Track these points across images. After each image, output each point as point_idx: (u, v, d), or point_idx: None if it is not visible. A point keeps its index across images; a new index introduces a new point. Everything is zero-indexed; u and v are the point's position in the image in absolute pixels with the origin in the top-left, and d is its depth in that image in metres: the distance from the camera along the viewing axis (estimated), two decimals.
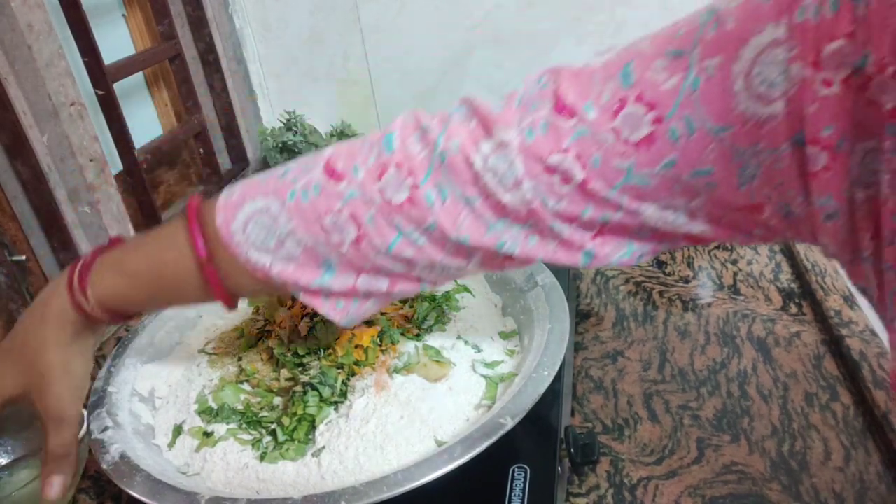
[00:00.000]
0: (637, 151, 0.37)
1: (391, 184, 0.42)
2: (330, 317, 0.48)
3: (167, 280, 0.49)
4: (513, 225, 0.42)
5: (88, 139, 0.82)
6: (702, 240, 0.42)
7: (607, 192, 0.39)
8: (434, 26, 1.13)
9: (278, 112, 1.21)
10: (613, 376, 0.70)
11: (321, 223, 0.44)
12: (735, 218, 0.39)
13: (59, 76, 0.77)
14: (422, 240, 0.43)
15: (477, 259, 0.45)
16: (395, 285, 0.47)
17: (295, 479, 0.52)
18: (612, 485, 0.57)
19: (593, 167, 0.38)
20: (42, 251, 0.85)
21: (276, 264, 0.45)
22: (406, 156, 0.42)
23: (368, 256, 0.44)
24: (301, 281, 0.46)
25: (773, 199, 0.36)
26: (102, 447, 0.54)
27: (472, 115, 0.42)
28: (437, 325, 0.65)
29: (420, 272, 0.46)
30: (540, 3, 1.09)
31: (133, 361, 0.65)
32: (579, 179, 0.38)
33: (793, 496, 0.55)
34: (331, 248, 0.44)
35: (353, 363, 0.59)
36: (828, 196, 0.33)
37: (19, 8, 0.73)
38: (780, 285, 0.83)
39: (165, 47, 1.05)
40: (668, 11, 1.06)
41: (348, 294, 0.47)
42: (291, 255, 0.45)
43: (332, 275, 0.46)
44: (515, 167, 0.39)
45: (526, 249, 0.43)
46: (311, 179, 0.44)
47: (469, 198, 0.41)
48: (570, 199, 0.40)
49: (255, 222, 0.45)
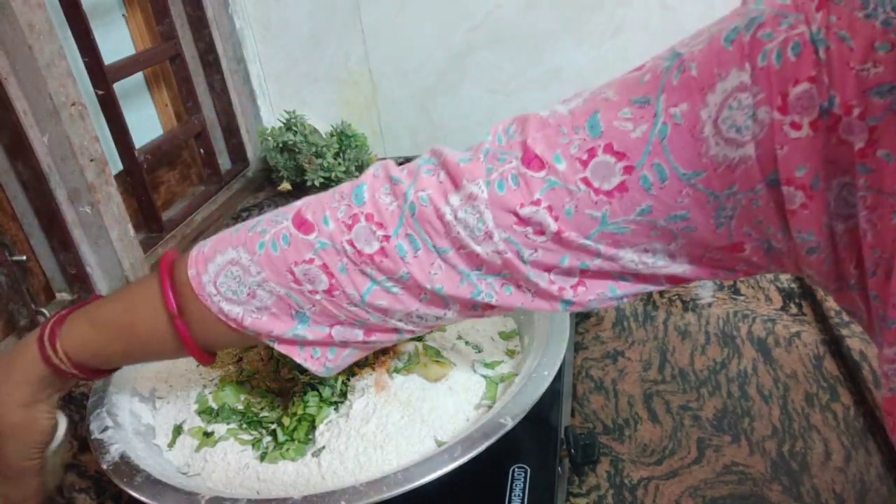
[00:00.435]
0: (610, 200, 0.37)
1: (362, 235, 0.42)
2: (307, 366, 0.48)
3: (140, 335, 0.49)
4: (487, 275, 0.42)
5: (89, 139, 0.82)
6: (684, 280, 0.41)
7: (583, 241, 0.38)
8: (434, 27, 1.13)
9: (278, 112, 1.21)
10: (614, 376, 0.70)
11: (292, 274, 0.43)
12: (716, 257, 0.39)
13: (59, 76, 0.77)
14: (396, 288, 0.43)
15: (455, 308, 0.44)
16: (370, 335, 0.46)
17: (295, 479, 0.52)
18: (613, 485, 0.57)
19: (566, 218, 0.38)
20: (42, 251, 0.84)
21: (248, 315, 0.45)
22: (376, 208, 0.42)
23: (342, 306, 0.44)
24: (275, 331, 0.46)
25: (753, 237, 0.36)
26: (102, 447, 0.54)
27: (440, 168, 0.42)
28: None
29: (397, 321, 0.45)
30: (540, 4, 1.09)
31: None
32: (553, 230, 0.38)
33: (793, 497, 0.55)
34: (303, 298, 0.44)
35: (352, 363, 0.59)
36: (808, 232, 0.33)
37: (20, 8, 0.73)
38: (780, 285, 0.83)
39: (165, 47, 1.05)
40: (668, 11, 1.06)
41: (324, 343, 0.47)
42: (263, 306, 0.45)
43: (305, 325, 0.46)
44: (485, 219, 0.39)
45: (503, 299, 0.42)
46: (280, 230, 0.44)
47: (441, 249, 0.41)
48: (545, 250, 0.39)
49: (226, 273, 0.45)
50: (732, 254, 0.38)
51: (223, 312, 0.45)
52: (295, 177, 1.17)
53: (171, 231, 1.02)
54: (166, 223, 1.03)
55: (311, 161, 1.13)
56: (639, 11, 1.07)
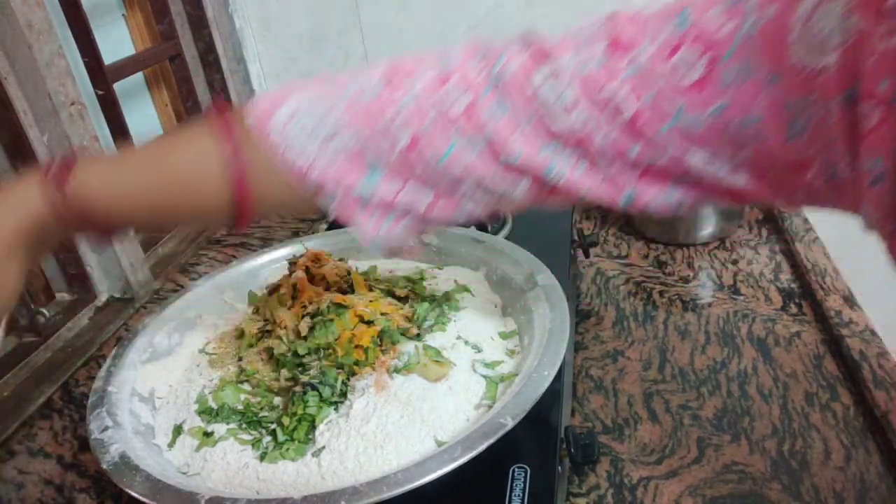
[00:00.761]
0: (688, 94, 0.37)
1: (450, 96, 0.42)
2: (361, 232, 0.46)
3: (178, 179, 0.44)
4: (564, 150, 0.42)
5: (88, 139, 0.82)
6: (743, 196, 0.41)
7: (656, 132, 0.39)
8: (434, 26, 1.13)
9: None
10: (613, 376, 0.70)
11: (374, 125, 0.43)
12: (779, 176, 0.39)
13: (59, 76, 0.77)
14: (474, 153, 0.43)
15: (524, 184, 0.44)
16: (435, 203, 0.45)
17: (295, 479, 0.52)
18: (613, 485, 0.57)
19: (645, 105, 0.39)
20: None
21: (319, 160, 0.43)
22: (465, 74, 0.43)
23: (418, 165, 0.44)
24: (344, 181, 0.44)
25: (820, 159, 0.36)
26: (102, 447, 0.53)
27: (529, 45, 0.43)
28: (437, 325, 0.65)
29: (465, 191, 0.45)
30: (540, 3, 1.09)
31: (133, 361, 0.65)
32: (630, 114, 0.39)
33: (793, 496, 0.55)
34: (380, 152, 0.43)
35: (353, 363, 0.59)
36: (877, 158, 0.32)
37: (19, 7, 0.73)
38: (780, 285, 0.83)
39: (165, 47, 1.05)
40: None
41: (387, 206, 0.45)
42: (340, 149, 0.43)
43: (378, 176, 0.44)
44: (568, 94, 0.40)
45: (573, 177, 0.42)
46: (367, 84, 0.44)
47: (524, 118, 0.42)
48: (619, 134, 0.40)
49: (304, 113, 0.43)
50: (796, 174, 0.38)
51: (290, 156, 0.43)
52: None
53: (171, 230, 1.02)
54: None
55: None
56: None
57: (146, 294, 0.91)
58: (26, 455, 0.66)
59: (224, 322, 0.73)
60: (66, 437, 0.68)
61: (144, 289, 0.91)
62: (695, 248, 0.93)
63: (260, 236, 1.05)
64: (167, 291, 0.92)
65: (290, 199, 0.46)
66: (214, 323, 0.73)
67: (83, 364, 0.78)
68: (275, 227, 1.08)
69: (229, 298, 0.75)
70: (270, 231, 1.07)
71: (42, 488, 0.62)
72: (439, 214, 0.46)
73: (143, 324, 0.69)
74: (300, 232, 1.05)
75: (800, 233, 0.91)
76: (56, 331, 0.81)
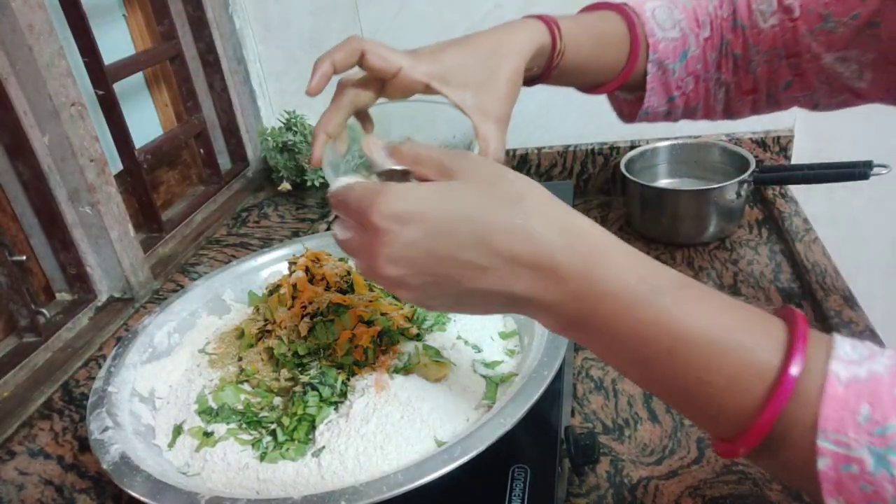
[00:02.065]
0: (836, 3, 0.59)
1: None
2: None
3: (601, 35, 0.63)
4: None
5: (89, 139, 0.82)
6: (862, 96, 0.63)
7: (806, 32, 0.61)
8: (434, 26, 1.13)
9: (278, 112, 1.21)
10: (613, 376, 0.70)
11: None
12: (893, 76, 0.58)
13: (59, 76, 0.77)
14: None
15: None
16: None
17: (295, 479, 0.52)
18: (613, 485, 0.57)
19: (806, 11, 0.61)
20: (42, 251, 0.85)
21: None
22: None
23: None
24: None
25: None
26: (102, 447, 0.54)
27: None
28: (437, 325, 0.65)
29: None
30: (540, 3, 1.09)
31: (133, 361, 0.65)
32: (795, 14, 0.61)
33: (792, 496, 0.55)
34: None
35: (353, 363, 0.59)
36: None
37: (20, 8, 0.73)
38: (780, 285, 0.83)
39: (165, 47, 1.06)
40: None
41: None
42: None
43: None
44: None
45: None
46: None
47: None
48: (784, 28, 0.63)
49: (659, 9, 0.64)
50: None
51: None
52: (295, 177, 1.17)
53: (171, 231, 1.03)
54: (166, 223, 1.03)
55: (310, 161, 1.13)
56: None
57: (146, 294, 0.91)
58: (26, 455, 0.66)
59: (224, 322, 0.73)
60: (66, 438, 0.68)
61: (144, 289, 0.91)
62: (695, 248, 0.93)
63: (260, 236, 1.05)
64: (167, 291, 0.92)
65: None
66: (214, 323, 0.73)
67: (83, 364, 0.78)
68: (275, 226, 1.08)
69: (229, 298, 0.75)
70: (270, 231, 1.07)
71: (42, 489, 0.62)
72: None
73: (143, 324, 0.69)
74: (300, 232, 1.05)
75: (800, 233, 0.91)
76: (56, 331, 0.81)
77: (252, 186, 1.22)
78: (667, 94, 0.67)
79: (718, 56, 0.68)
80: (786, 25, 0.63)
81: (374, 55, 0.52)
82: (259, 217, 1.12)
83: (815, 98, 0.66)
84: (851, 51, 0.59)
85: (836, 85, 0.64)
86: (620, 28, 0.64)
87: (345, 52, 0.52)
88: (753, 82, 0.68)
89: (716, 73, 0.69)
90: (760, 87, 0.68)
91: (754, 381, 0.32)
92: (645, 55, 0.65)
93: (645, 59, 0.65)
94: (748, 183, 0.91)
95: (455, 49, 0.56)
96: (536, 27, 0.59)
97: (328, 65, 0.52)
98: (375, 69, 0.53)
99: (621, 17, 0.64)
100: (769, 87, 0.68)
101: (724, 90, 0.70)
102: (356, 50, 0.52)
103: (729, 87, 0.69)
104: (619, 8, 0.65)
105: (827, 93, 0.65)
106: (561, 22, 0.61)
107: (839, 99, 0.65)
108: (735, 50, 0.67)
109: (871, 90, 0.62)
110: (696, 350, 0.33)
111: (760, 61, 0.66)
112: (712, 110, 0.71)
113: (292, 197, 1.18)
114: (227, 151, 1.23)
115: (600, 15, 0.65)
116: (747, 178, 0.91)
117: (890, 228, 1.23)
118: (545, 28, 0.59)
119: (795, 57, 0.64)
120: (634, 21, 0.64)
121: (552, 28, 0.60)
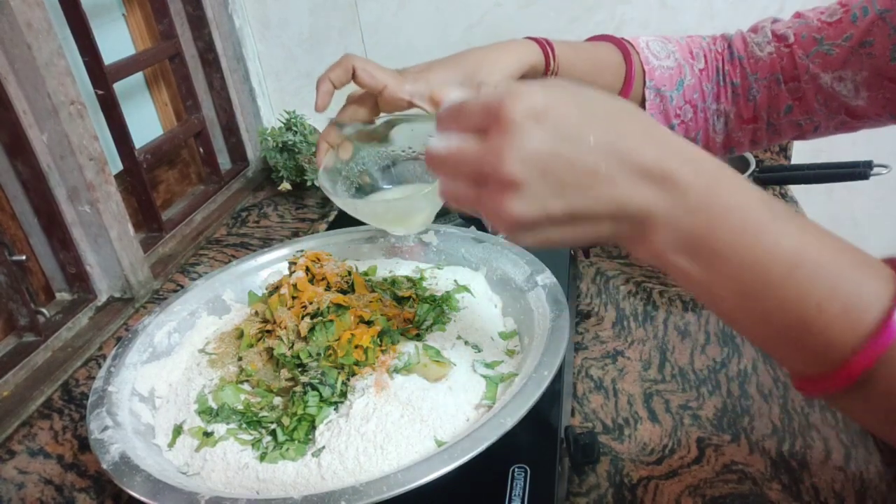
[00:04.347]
0: (828, 28, 0.63)
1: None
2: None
3: (597, 60, 0.66)
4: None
5: (88, 138, 0.82)
6: (861, 114, 0.65)
7: (803, 56, 0.64)
8: (433, 25, 1.13)
9: (278, 112, 1.21)
10: (613, 376, 0.70)
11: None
12: (887, 93, 0.61)
13: (58, 75, 0.77)
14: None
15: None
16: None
17: (295, 479, 0.52)
18: (613, 484, 0.57)
19: (801, 39, 0.65)
20: (42, 251, 0.84)
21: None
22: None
23: None
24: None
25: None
26: (102, 447, 0.53)
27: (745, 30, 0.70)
28: (437, 326, 0.65)
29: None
30: (539, 2, 1.09)
31: (133, 361, 0.65)
32: (790, 41, 0.66)
33: (793, 496, 0.55)
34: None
35: (353, 363, 0.59)
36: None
37: (18, 7, 0.73)
38: None
39: (165, 46, 1.05)
40: (668, 10, 1.06)
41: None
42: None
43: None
44: (766, 33, 0.68)
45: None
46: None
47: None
48: (784, 57, 0.66)
49: (653, 42, 0.68)
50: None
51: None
52: (295, 177, 1.17)
53: (170, 230, 1.02)
54: (166, 222, 1.03)
55: (311, 161, 1.13)
56: (638, 9, 1.07)
57: (146, 294, 0.91)
58: (26, 455, 0.66)
59: (224, 322, 0.73)
60: (66, 437, 0.68)
61: (144, 289, 0.91)
62: None
63: (260, 236, 1.05)
64: (167, 291, 0.92)
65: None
66: (214, 323, 0.73)
67: (83, 364, 0.78)
68: (275, 226, 1.08)
69: (229, 298, 0.75)
70: (270, 231, 1.07)
71: (42, 488, 0.62)
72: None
73: (143, 323, 0.69)
74: (300, 232, 1.05)
75: None
76: (56, 331, 0.81)
77: (252, 186, 1.22)
78: (666, 122, 0.69)
79: (716, 87, 0.70)
80: (782, 52, 0.66)
81: (363, 72, 0.59)
82: (259, 217, 1.12)
83: (815, 121, 0.68)
84: (847, 70, 0.62)
85: (833, 106, 0.66)
86: (615, 56, 0.67)
87: (340, 70, 0.60)
88: (753, 110, 0.70)
89: (714, 104, 0.71)
90: (761, 114, 0.70)
91: (865, 316, 0.32)
92: (641, 82, 0.67)
93: (641, 86, 0.67)
94: None
95: (440, 68, 0.61)
96: (529, 47, 0.62)
97: (328, 83, 0.59)
98: (364, 85, 0.60)
99: (616, 46, 0.67)
100: (769, 114, 0.69)
101: (724, 120, 0.71)
102: (349, 68, 0.59)
103: (728, 117, 0.71)
104: (613, 38, 0.68)
105: (826, 115, 0.67)
106: (556, 44, 0.63)
107: (837, 120, 0.67)
108: (734, 79, 0.69)
109: (868, 107, 0.64)
110: (821, 276, 0.33)
111: (760, 87, 0.68)
112: (712, 142, 0.72)
113: (292, 197, 1.18)
114: (227, 151, 1.23)
115: (595, 44, 0.69)
116: (747, 178, 0.91)
117: (890, 228, 1.23)
118: (538, 48, 0.62)
119: (794, 81, 0.66)
120: (629, 50, 0.67)
121: (545, 48, 0.62)
